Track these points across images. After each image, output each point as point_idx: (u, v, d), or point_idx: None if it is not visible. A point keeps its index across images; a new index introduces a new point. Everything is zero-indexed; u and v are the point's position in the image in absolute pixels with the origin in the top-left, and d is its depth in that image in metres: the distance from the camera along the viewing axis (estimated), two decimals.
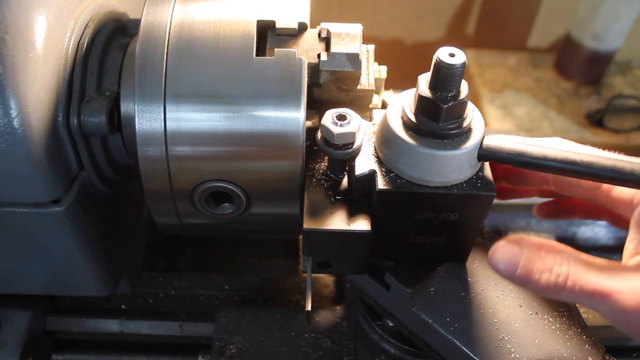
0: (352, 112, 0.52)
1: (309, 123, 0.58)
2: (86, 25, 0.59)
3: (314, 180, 0.55)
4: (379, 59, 0.61)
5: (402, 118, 0.51)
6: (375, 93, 0.62)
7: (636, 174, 0.46)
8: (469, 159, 0.50)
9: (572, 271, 0.46)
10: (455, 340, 0.53)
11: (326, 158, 0.57)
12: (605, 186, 0.56)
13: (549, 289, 0.46)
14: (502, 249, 0.48)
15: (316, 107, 0.60)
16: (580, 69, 1.86)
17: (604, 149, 0.50)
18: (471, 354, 0.53)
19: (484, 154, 0.50)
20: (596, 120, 1.78)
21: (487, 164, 0.53)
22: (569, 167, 0.48)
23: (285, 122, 0.52)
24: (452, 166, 0.49)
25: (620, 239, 0.93)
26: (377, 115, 0.57)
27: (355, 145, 0.52)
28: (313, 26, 0.58)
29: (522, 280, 0.47)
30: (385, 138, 0.51)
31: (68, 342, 0.79)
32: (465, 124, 0.49)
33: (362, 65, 0.56)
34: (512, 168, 0.59)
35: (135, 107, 0.52)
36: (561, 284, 0.46)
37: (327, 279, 0.83)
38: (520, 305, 0.56)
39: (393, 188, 0.50)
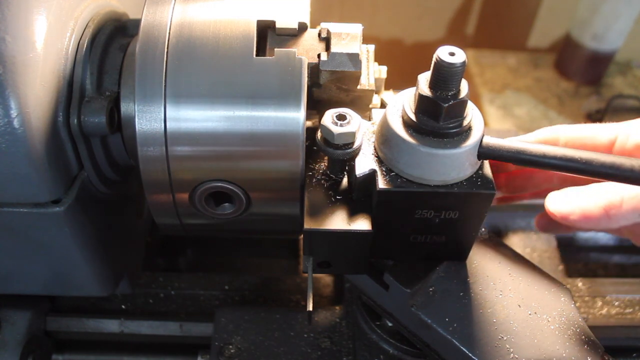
0: (352, 112, 0.52)
1: (309, 123, 0.58)
2: (86, 25, 0.59)
3: (314, 180, 0.55)
4: (379, 59, 0.61)
5: (402, 117, 0.51)
6: (375, 93, 0.62)
7: (636, 170, 0.46)
8: (469, 157, 0.50)
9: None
10: (454, 340, 0.53)
11: (326, 158, 0.57)
12: None
13: (611, 206, 0.49)
14: (552, 200, 0.50)
15: (316, 107, 0.60)
16: (580, 69, 1.86)
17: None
18: (470, 354, 0.53)
19: (484, 152, 0.50)
20: (596, 120, 1.78)
21: (486, 163, 0.53)
22: (568, 164, 0.48)
23: (285, 122, 0.52)
24: (452, 165, 0.49)
25: (619, 239, 0.93)
26: (377, 114, 0.57)
27: (355, 145, 0.52)
28: (313, 26, 0.58)
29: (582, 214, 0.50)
30: (385, 137, 0.51)
31: (68, 342, 0.79)
32: (465, 122, 0.49)
33: (362, 65, 0.56)
34: (515, 173, 0.59)
35: (135, 107, 0.52)
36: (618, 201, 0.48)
37: (326, 279, 0.83)
38: (519, 305, 0.56)
39: (393, 187, 0.50)
